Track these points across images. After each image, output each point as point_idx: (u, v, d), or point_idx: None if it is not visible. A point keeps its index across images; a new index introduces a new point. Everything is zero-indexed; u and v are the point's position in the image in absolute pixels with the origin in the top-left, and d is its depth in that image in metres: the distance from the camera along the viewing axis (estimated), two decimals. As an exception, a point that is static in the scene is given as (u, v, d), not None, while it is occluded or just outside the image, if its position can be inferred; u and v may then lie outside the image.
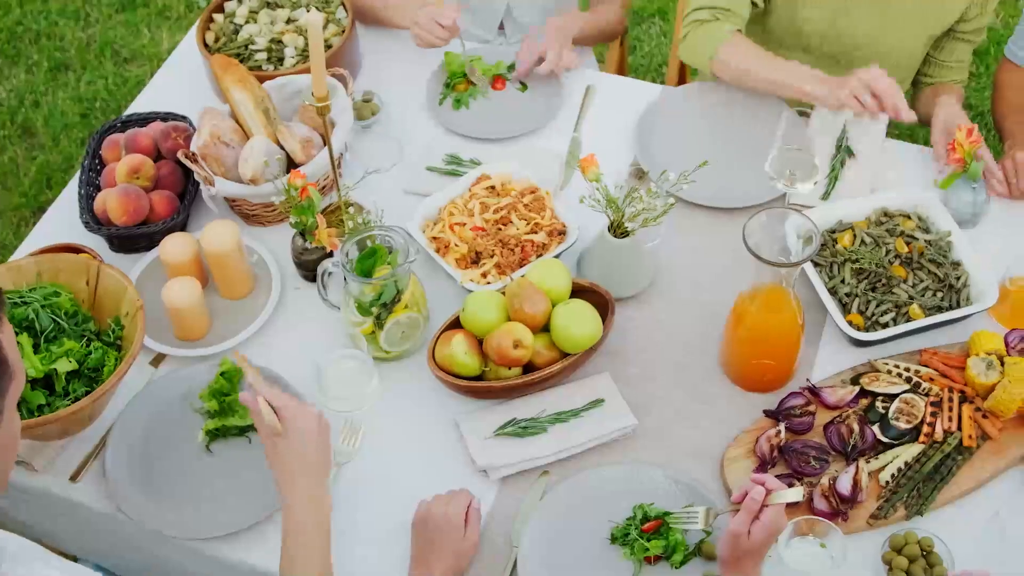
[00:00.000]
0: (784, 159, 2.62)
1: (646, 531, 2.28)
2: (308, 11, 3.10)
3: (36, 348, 2.39)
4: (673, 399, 2.53)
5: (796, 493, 2.07)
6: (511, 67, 3.16)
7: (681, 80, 3.66)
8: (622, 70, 3.73)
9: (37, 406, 2.34)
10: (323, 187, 2.80)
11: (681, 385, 2.55)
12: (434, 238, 2.69)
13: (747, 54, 2.95)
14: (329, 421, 2.18)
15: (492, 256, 2.64)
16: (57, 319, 2.42)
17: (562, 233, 2.69)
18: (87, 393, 2.36)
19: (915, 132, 3.96)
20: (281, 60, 3.05)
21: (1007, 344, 2.51)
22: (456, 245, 2.67)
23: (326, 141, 2.58)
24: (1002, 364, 2.45)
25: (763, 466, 2.38)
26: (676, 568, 2.27)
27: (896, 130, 2.95)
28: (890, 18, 3.03)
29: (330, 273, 2.56)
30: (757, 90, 2.96)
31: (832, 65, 3.10)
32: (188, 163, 2.71)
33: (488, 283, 2.61)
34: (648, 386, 2.55)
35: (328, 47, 3.03)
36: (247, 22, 3.11)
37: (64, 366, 2.36)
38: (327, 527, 2.12)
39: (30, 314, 2.39)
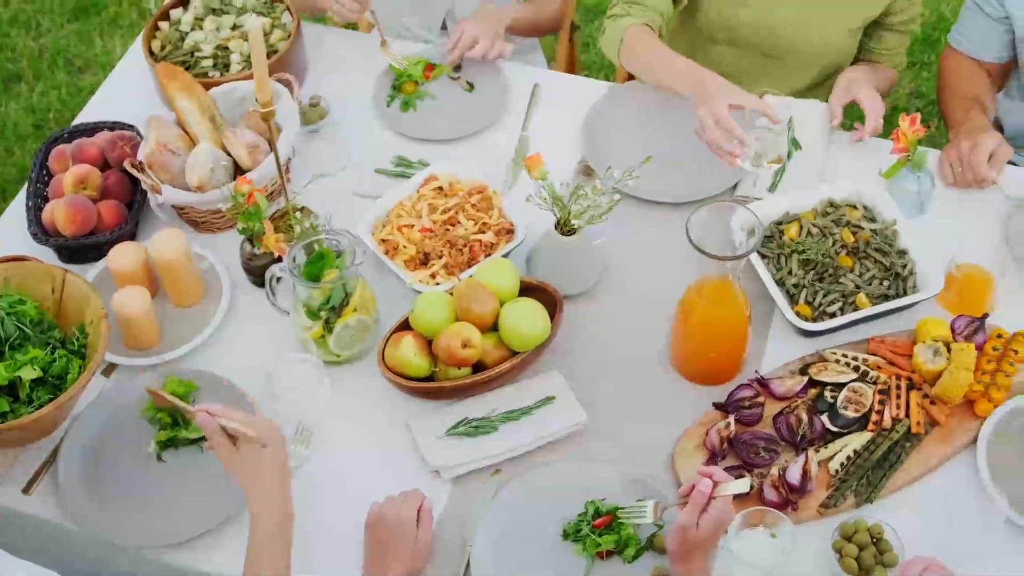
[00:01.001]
0: (750, 140, 2.65)
1: (598, 527, 2.29)
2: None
3: (1, 355, 2.40)
4: (623, 394, 2.54)
5: (743, 484, 2.08)
6: (457, 68, 3.17)
7: (631, 77, 3.66)
8: (572, 68, 3.73)
9: (0, 413, 2.35)
10: (271, 192, 2.80)
11: (631, 380, 2.56)
12: (383, 240, 2.69)
13: (644, 47, 2.98)
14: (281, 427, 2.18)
15: (441, 257, 2.65)
16: (22, 327, 2.42)
17: (510, 232, 2.70)
18: (51, 401, 2.36)
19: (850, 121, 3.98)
20: (227, 66, 3.05)
21: (953, 331, 2.53)
22: (405, 247, 2.67)
23: (272, 146, 2.58)
24: (948, 351, 2.47)
25: (713, 458, 2.40)
26: (628, 562, 2.28)
27: (847, 119, 2.97)
28: (813, 12, 3.05)
29: (279, 278, 2.56)
30: (660, 85, 2.99)
31: (762, 59, 3.13)
32: (134, 172, 2.71)
33: (437, 284, 2.61)
34: (598, 382, 2.56)
35: (274, 52, 3.03)
36: (193, 29, 3.11)
37: (28, 374, 2.37)
38: (290, 536, 2.13)
39: (-5, 321, 2.40)
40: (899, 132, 2.74)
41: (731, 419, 2.41)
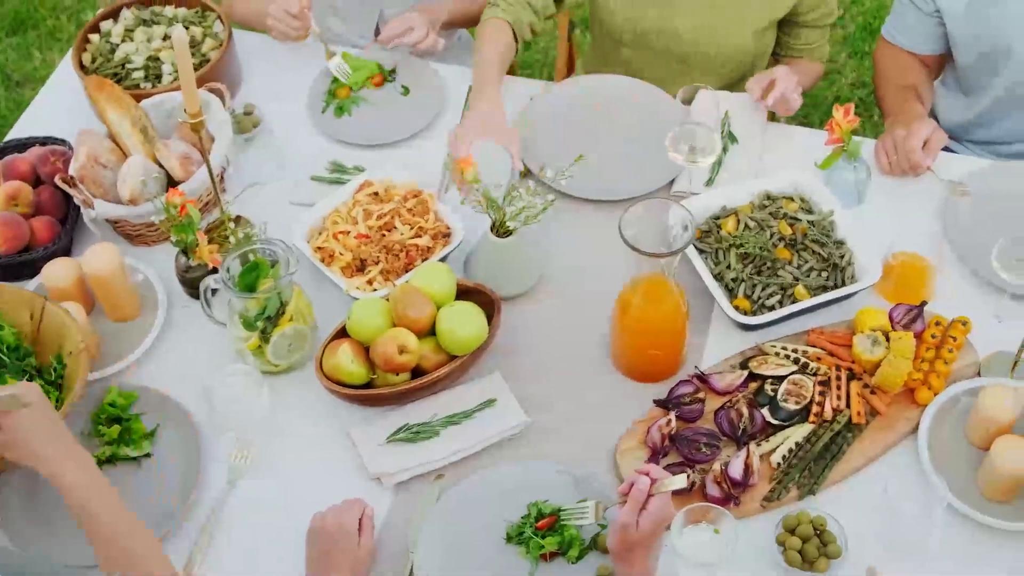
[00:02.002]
0: (684, 135, 2.65)
1: (540, 528, 2.28)
2: (187, 29, 3.08)
3: (-25, 379, 2.37)
4: (565, 394, 2.53)
5: (680, 480, 2.08)
6: (392, 71, 3.15)
7: (570, 75, 3.66)
8: (511, 68, 3.72)
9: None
10: (206, 203, 2.78)
11: (572, 380, 2.56)
12: (319, 248, 2.67)
13: (482, 45, 3.01)
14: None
15: (377, 263, 2.63)
16: None
17: (447, 235, 2.68)
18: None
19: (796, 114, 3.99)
20: (159, 77, 3.03)
21: (891, 319, 2.54)
22: (341, 254, 2.65)
23: (204, 157, 2.56)
24: (887, 340, 2.48)
25: (655, 456, 2.39)
26: (573, 563, 2.27)
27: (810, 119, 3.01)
28: (716, 15, 3.05)
29: (214, 290, 2.54)
30: None
31: (673, 62, 3.14)
32: (66, 187, 2.68)
33: (375, 290, 2.60)
34: (540, 383, 2.55)
35: (206, 61, 3.01)
36: (123, 41, 3.08)
37: None
38: (100, 475, 2.05)
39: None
40: (833, 123, 2.74)
41: (672, 416, 2.41)
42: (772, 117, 3.02)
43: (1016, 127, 3.13)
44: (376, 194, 2.76)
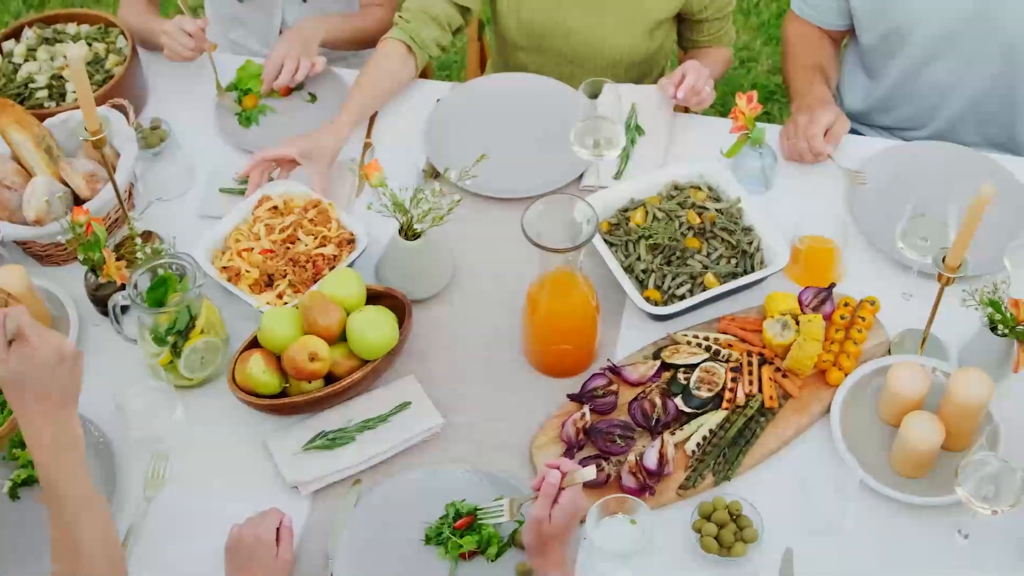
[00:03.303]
0: (589, 129, 2.67)
1: (458, 528, 2.29)
2: (90, 46, 3.06)
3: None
4: (480, 393, 2.54)
5: (590, 472, 2.10)
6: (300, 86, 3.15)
7: (482, 72, 3.67)
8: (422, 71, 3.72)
9: None
10: (115, 220, 2.76)
11: (487, 379, 2.57)
12: (224, 267, 2.66)
13: (369, 64, 3.03)
14: (79, 351, 2.05)
15: (285, 276, 2.62)
16: None
17: (352, 242, 2.68)
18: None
19: (714, 103, 4.02)
20: (63, 96, 3.00)
21: (800, 303, 2.56)
22: (247, 271, 2.64)
23: (109, 174, 2.55)
24: (797, 323, 2.50)
25: (571, 450, 2.40)
26: (492, 561, 2.28)
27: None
28: (604, 16, 3.07)
29: (124, 307, 2.53)
30: None
31: (567, 64, 3.17)
32: (-30, 210, 2.67)
33: (285, 303, 2.59)
34: (454, 383, 2.56)
35: (110, 77, 2.99)
36: (26, 60, 3.06)
37: None
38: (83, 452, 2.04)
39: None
40: (737, 110, 2.76)
41: (586, 409, 2.42)
42: (687, 111, 3.04)
43: (917, 114, 3.17)
44: (276, 208, 2.75)
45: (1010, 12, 2.89)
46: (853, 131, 3.00)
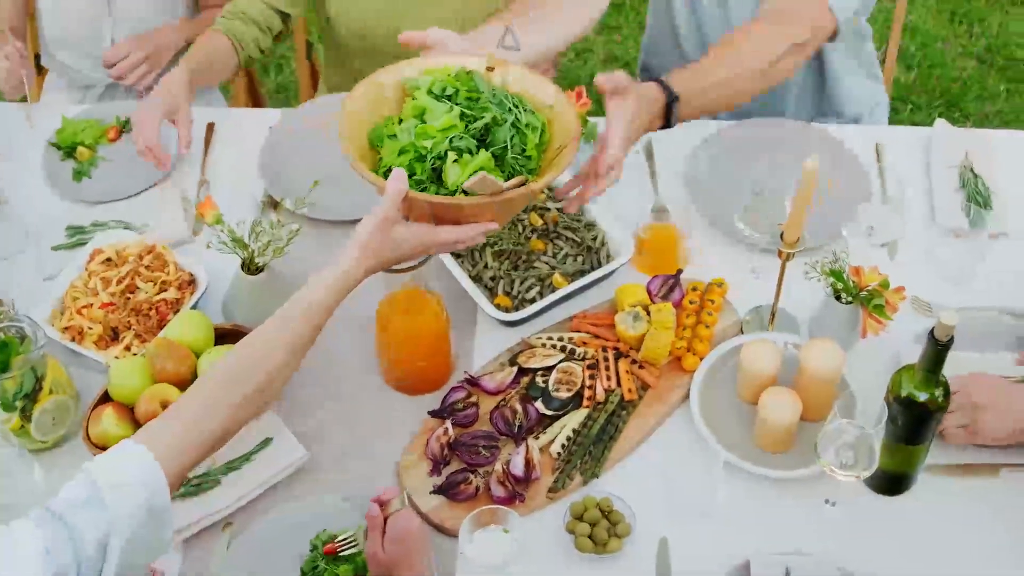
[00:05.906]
0: None
1: (328, 554, 2.27)
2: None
3: None
4: (342, 420, 2.52)
5: (400, 500, 2.12)
6: (126, 121, 3.09)
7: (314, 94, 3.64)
8: (256, 99, 3.68)
9: None
10: (-52, 287, 2.70)
11: (349, 405, 2.54)
12: (66, 328, 2.60)
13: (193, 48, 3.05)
14: None
15: (129, 327, 2.58)
16: None
17: (192, 283, 2.64)
18: None
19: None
20: None
21: (650, 292, 2.58)
22: (90, 328, 2.59)
23: (-65, 241, 2.49)
24: (648, 313, 2.51)
25: (437, 466, 2.39)
26: (374, 587, 2.26)
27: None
28: (429, 14, 3.06)
29: (-36, 377, 2.47)
30: None
31: None
32: None
33: (135, 355, 2.54)
34: (317, 413, 2.53)
35: (-68, 141, 2.92)
36: None
37: None
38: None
39: None
40: (567, 108, 2.76)
41: (448, 424, 2.41)
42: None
43: None
44: (109, 260, 2.69)
45: None
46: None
